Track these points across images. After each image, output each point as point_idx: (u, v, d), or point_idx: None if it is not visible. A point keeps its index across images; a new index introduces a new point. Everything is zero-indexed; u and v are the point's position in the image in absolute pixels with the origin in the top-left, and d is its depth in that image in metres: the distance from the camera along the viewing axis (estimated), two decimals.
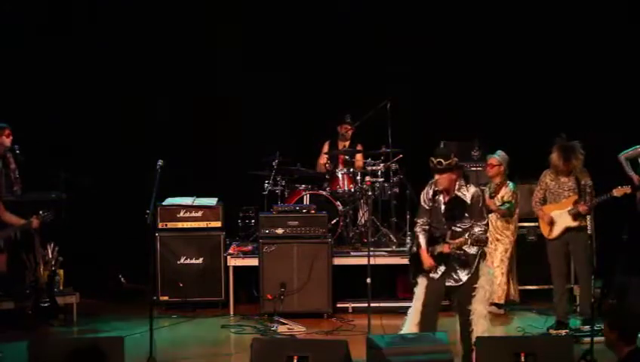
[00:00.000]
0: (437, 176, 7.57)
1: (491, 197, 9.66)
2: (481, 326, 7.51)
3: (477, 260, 7.57)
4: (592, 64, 11.02)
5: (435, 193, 7.71)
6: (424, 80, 11.13)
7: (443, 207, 7.65)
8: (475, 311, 7.54)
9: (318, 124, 11.04)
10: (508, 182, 9.67)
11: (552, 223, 8.79)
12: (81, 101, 11.05)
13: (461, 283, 7.58)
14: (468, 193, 7.61)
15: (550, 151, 8.85)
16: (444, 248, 7.53)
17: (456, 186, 7.62)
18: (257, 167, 10.64)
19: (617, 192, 8.62)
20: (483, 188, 9.64)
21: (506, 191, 9.62)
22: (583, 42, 11.04)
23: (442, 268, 7.58)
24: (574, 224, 8.73)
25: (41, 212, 8.98)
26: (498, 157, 9.68)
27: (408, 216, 10.37)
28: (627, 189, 8.64)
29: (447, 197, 7.65)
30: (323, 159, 11.06)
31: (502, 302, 9.63)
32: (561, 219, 8.79)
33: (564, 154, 8.71)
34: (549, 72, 11.16)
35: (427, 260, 7.57)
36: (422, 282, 7.67)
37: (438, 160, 7.52)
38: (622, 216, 9.20)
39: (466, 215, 7.58)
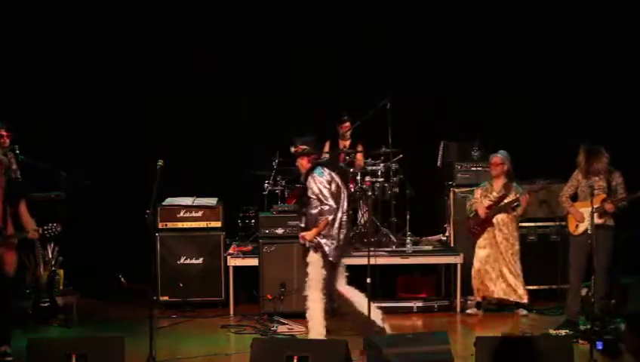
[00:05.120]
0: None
1: (487, 195, 9.70)
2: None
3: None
4: (594, 63, 11.03)
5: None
6: (424, 79, 11.11)
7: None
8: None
9: (318, 124, 11.02)
10: (513, 183, 9.71)
11: (583, 220, 8.80)
12: (81, 101, 11.06)
13: None
14: (311, 184, 8.16)
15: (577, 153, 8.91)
16: None
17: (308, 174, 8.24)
18: (257, 167, 10.64)
19: None
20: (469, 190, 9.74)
21: (514, 192, 9.68)
22: (583, 42, 11.04)
23: None
24: (600, 221, 8.71)
25: (46, 227, 8.21)
26: (501, 156, 9.74)
27: (408, 216, 10.39)
28: None
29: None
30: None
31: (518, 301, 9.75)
32: (588, 216, 8.77)
33: (588, 157, 8.79)
34: (550, 71, 11.16)
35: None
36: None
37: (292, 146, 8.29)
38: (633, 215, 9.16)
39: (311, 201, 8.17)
